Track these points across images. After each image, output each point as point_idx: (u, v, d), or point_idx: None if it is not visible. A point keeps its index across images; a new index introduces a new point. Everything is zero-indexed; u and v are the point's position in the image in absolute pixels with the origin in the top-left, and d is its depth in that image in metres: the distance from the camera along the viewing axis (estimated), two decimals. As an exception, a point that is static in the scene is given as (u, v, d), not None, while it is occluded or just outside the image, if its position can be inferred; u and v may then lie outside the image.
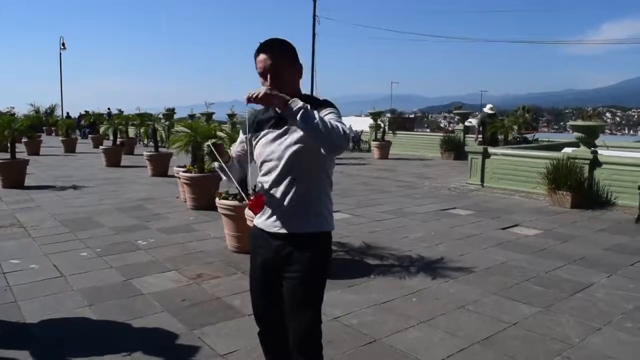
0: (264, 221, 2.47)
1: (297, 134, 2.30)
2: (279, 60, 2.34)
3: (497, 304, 4.50)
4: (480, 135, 15.96)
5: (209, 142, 2.59)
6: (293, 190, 2.36)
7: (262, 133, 2.45)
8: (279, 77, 2.34)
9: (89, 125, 28.99)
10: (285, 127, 2.35)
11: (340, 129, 2.14)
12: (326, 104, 2.39)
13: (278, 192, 2.38)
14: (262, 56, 2.35)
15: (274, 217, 2.42)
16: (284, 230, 2.40)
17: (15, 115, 24.11)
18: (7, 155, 11.60)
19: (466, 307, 4.43)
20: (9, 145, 11.81)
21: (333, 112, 2.30)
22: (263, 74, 2.36)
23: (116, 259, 5.73)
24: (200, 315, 4.21)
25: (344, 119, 2.40)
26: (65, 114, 37.25)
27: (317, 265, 2.42)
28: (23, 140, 19.32)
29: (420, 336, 3.86)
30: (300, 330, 2.43)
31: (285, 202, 2.37)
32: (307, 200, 2.37)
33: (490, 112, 16.44)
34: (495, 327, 4.02)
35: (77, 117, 34.20)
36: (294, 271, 2.40)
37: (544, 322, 4.12)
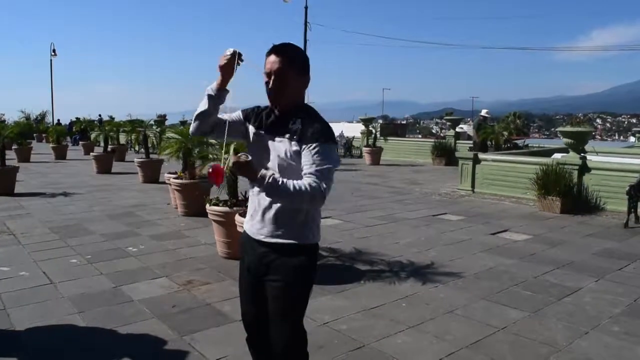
0: (251, 227, 2.50)
1: (292, 147, 2.31)
2: (288, 67, 2.34)
3: (485, 309, 4.53)
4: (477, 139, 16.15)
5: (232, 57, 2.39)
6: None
7: (260, 134, 2.45)
8: (282, 83, 2.34)
9: (80, 132, 28.90)
10: (282, 136, 2.35)
11: (313, 191, 2.16)
12: (317, 132, 2.30)
13: (266, 199, 2.39)
14: (272, 57, 2.35)
15: (260, 225, 2.44)
16: (268, 239, 2.42)
17: (6, 122, 24.02)
18: (-3, 163, 11.55)
19: (455, 311, 4.46)
20: (-1, 152, 11.75)
21: (317, 151, 2.25)
22: (269, 75, 2.36)
23: (106, 265, 5.72)
24: (190, 321, 4.21)
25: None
26: (56, 121, 37.08)
27: (298, 277, 2.42)
28: (13, 147, 19.24)
29: (409, 341, 3.88)
30: (282, 338, 2.45)
31: (272, 211, 2.39)
32: (294, 211, 2.37)
33: (486, 115, 16.66)
34: (483, 331, 4.05)
35: (68, 123, 34.07)
36: (275, 280, 2.42)
37: (532, 327, 4.15)
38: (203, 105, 2.47)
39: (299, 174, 2.27)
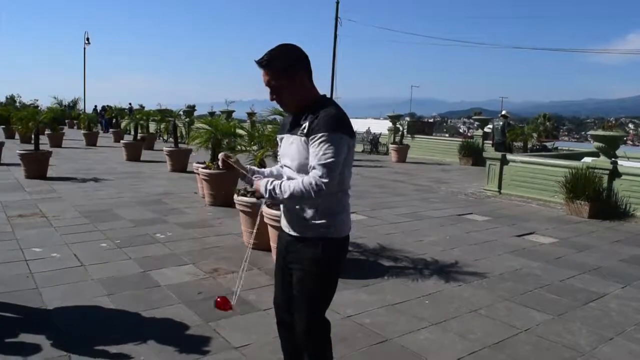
0: (281, 219, 2.63)
1: (303, 142, 2.38)
2: (275, 77, 2.40)
3: (509, 310, 4.52)
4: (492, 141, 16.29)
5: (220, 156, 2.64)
6: None
7: (284, 136, 2.56)
8: (277, 92, 2.44)
9: (109, 119, 29.67)
10: (295, 134, 2.43)
11: (313, 189, 2.25)
12: (321, 123, 2.32)
13: None
14: (262, 71, 2.43)
15: (285, 218, 2.57)
16: (291, 231, 2.53)
17: (39, 108, 24.53)
18: (31, 147, 11.84)
19: (478, 311, 4.46)
20: (33, 136, 12.04)
21: (321, 141, 2.28)
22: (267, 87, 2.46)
23: (135, 250, 5.85)
24: (215, 308, 4.27)
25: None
26: (92, 107, 37.65)
27: (314, 269, 2.49)
28: (46, 132, 19.65)
29: (431, 338, 3.90)
30: (301, 324, 2.55)
31: (294, 205, 2.48)
32: (314, 205, 2.43)
33: (507, 115, 16.76)
34: (506, 332, 4.05)
35: (100, 108, 34.63)
36: (296, 269, 2.54)
37: (556, 330, 4.14)
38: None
39: None
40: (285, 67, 2.40)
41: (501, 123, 16.63)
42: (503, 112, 17.43)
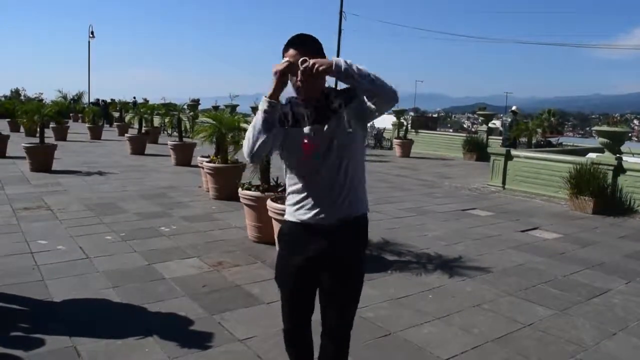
0: (306, 211, 2.41)
1: (347, 115, 2.32)
2: (314, 57, 2.27)
3: (513, 305, 4.53)
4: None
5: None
6: (347, 176, 2.36)
7: (305, 130, 2.36)
8: (312, 76, 2.31)
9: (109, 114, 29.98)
10: (334, 115, 2.33)
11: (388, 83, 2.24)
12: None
13: (323, 182, 2.37)
14: (291, 52, 2.32)
15: (322, 208, 2.38)
16: (337, 216, 2.37)
17: (44, 101, 24.58)
18: (36, 140, 11.88)
19: (482, 305, 4.47)
20: (38, 130, 12.08)
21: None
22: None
23: (140, 243, 5.88)
24: (220, 301, 4.31)
25: None
26: (93, 101, 37.71)
27: (358, 257, 2.47)
28: (51, 125, 19.69)
29: (435, 332, 3.91)
30: (343, 326, 2.55)
31: (340, 189, 2.36)
32: (353, 185, 2.39)
33: (516, 111, 16.72)
34: (510, 326, 4.06)
35: (100, 101, 34.68)
36: (338, 266, 2.43)
37: (559, 325, 4.14)
38: (263, 129, 2.26)
39: (361, 152, 2.40)
40: (321, 49, 2.40)
41: (509, 119, 16.62)
42: (513, 108, 17.39)
